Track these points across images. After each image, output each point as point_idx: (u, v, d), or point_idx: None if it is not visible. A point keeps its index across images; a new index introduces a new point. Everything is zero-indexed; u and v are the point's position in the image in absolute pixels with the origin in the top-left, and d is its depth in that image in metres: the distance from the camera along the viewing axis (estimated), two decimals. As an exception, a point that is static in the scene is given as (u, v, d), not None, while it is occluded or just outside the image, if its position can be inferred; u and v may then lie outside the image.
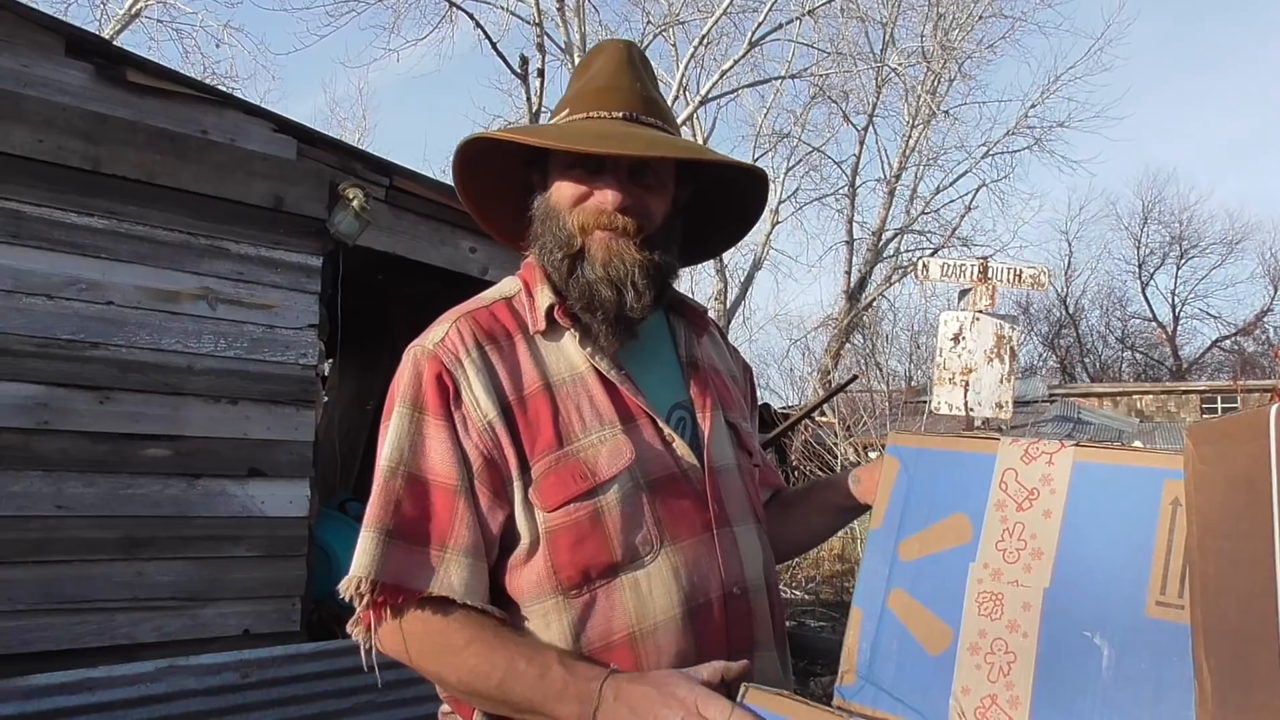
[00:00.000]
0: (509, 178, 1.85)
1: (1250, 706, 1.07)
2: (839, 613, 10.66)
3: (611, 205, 1.65)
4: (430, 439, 1.59)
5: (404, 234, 5.97)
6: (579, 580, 1.58)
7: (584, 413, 1.65)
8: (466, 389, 1.61)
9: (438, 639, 1.54)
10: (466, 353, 1.63)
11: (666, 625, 1.60)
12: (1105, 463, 1.35)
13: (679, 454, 1.70)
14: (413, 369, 1.65)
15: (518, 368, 1.66)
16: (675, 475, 1.68)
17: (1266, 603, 1.06)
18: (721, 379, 1.94)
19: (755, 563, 1.77)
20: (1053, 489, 1.36)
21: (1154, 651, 1.23)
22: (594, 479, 1.60)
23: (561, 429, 1.62)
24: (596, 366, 1.68)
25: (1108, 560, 1.29)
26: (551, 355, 1.69)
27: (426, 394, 1.61)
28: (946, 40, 26.85)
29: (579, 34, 22.10)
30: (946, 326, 8.69)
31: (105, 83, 4.81)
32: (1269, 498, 1.08)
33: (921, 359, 26.42)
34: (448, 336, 1.65)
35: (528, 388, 1.64)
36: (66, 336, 4.65)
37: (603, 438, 1.63)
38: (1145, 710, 1.21)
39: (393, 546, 1.54)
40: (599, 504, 1.59)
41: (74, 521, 4.65)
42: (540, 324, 1.69)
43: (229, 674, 4.73)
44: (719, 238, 2.04)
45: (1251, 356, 41.66)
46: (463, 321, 1.68)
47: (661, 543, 1.63)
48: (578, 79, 1.81)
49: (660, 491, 1.66)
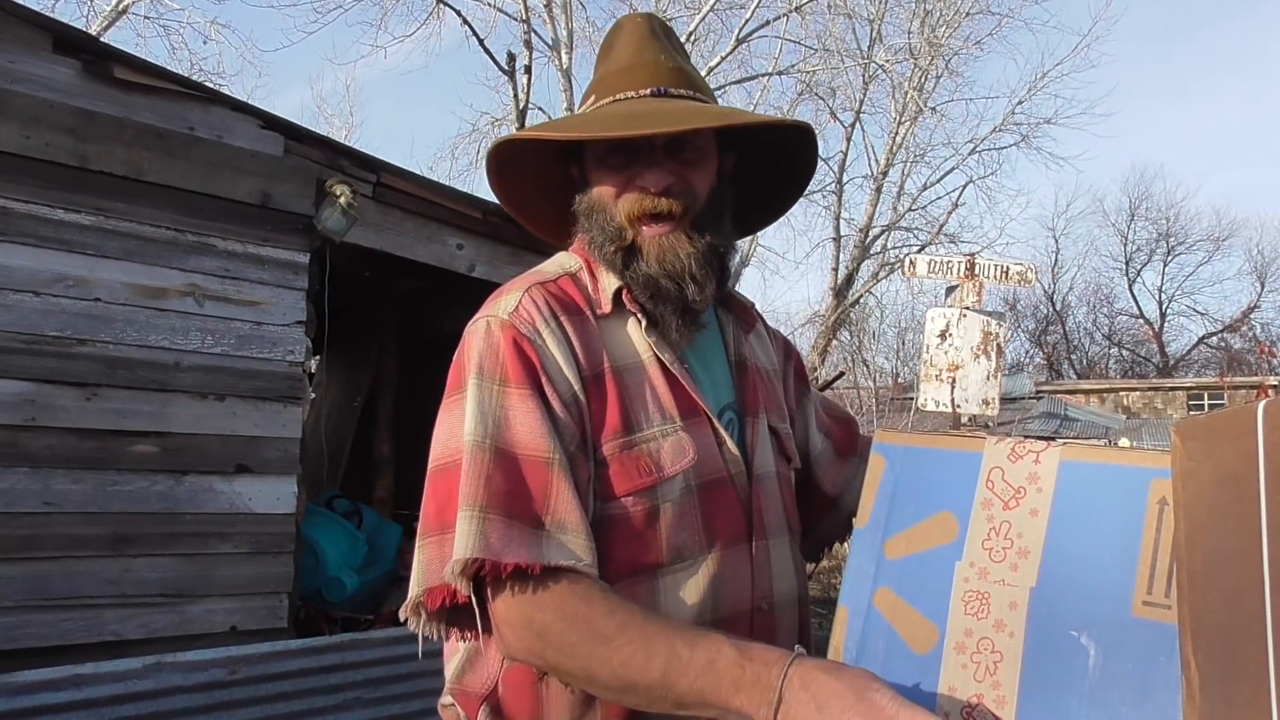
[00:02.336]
0: (546, 176, 1.78)
1: (1238, 702, 1.07)
2: (825, 610, 10.67)
3: (654, 188, 1.59)
4: (514, 410, 1.47)
5: (391, 230, 5.97)
6: (622, 575, 1.51)
7: (649, 403, 1.59)
8: (550, 358, 1.52)
9: (583, 630, 1.35)
10: (545, 322, 1.55)
11: None
12: (1092, 461, 1.35)
13: (729, 458, 1.66)
14: (485, 339, 1.53)
15: (590, 344, 1.58)
16: (724, 480, 1.65)
17: (1254, 599, 1.06)
18: (765, 378, 1.88)
19: (785, 577, 1.73)
20: (1039, 488, 1.36)
21: (1140, 651, 1.23)
22: (658, 474, 1.55)
23: (628, 415, 1.56)
24: (660, 356, 1.63)
25: (1094, 560, 1.30)
26: (617, 338, 1.63)
27: (506, 363, 1.50)
28: (933, 37, 26.88)
29: (566, 30, 22.09)
30: (933, 323, 8.71)
31: (92, 79, 4.80)
32: (1256, 494, 1.08)
33: (908, 355, 26.53)
34: (521, 305, 1.56)
35: (597, 367, 1.57)
36: (53, 333, 4.64)
37: (664, 431, 1.58)
38: (1131, 710, 1.22)
39: (489, 523, 1.39)
40: (658, 501, 1.55)
41: (61, 518, 4.64)
42: (607, 306, 1.63)
43: (216, 670, 4.72)
44: (775, 201, 1.95)
45: (1238, 353, 41.75)
46: (535, 290, 1.59)
47: (704, 549, 1.59)
48: (601, 62, 1.74)
49: (709, 495, 1.62)
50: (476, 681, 1.62)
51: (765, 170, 1.83)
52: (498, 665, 1.60)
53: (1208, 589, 1.15)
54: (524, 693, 1.56)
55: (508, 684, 1.58)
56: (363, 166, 5.80)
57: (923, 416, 13.09)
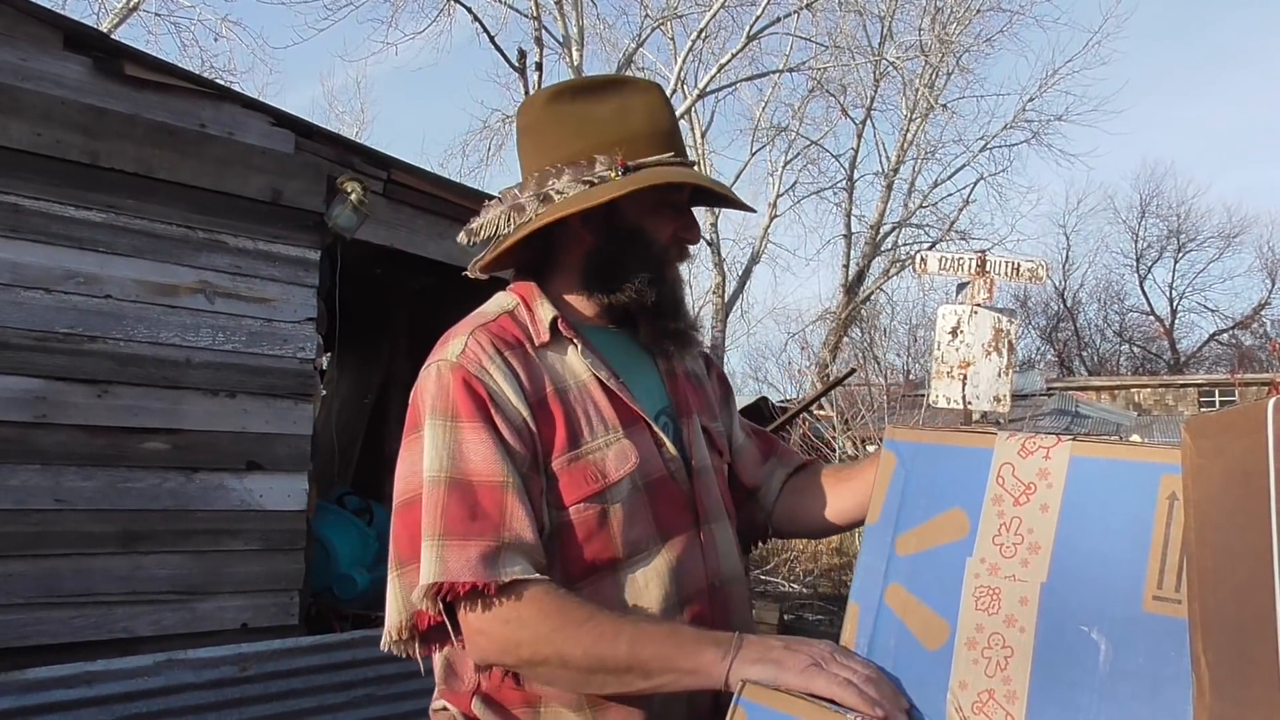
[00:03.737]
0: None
1: (1248, 700, 1.07)
2: (837, 606, 10.67)
3: (696, 242, 1.90)
4: (467, 443, 1.61)
5: (402, 227, 5.97)
6: (584, 573, 1.67)
7: (591, 418, 1.74)
8: (498, 390, 1.66)
9: (556, 618, 1.52)
10: (490, 359, 1.68)
11: (664, 612, 1.70)
12: (1102, 457, 1.35)
13: (668, 457, 1.82)
14: (437, 382, 1.68)
15: (532, 372, 1.72)
16: (666, 478, 1.80)
17: (1264, 596, 1.06)
18: (694, 383, 2.05)
19: (730, 557, 1.90)
20: (1050, 483, 1.36)
21: (1151, 646, 1.23)
22: (604, 480, 1.69)
23: (573, 431, 1.70)
24: (598, 375, 1.78)
25: (1105, 555, 1.29)
26: (556, 364, 1.77)
27: (457, 401, 1.64)
28: (944, 34, 26.84)
29: (577, 27, 22.09)
30: (944, 320, 8.71)
31: (103, 76, 4.81)
32: (1267, 491, 1.08)
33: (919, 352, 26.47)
34: (468, 347, 1.69)
35: (541, 392, 1.71)
36: (64, 330, 4.65)
37: (608, 441, 1.73)
38: (1143, 705, 1.21)
39: (447, 549, 1.54)
40: (607, 504, 1.69)
41: (72, 515, 4.65)
42: (544, 335, 1.77)
43: (227, 667, 4.73)
44: None
45: (1249, 350, 41.67)
46: (479, 333, 1.73)
47: (658, 541, 1.74)
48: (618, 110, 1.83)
49: (656, 493, 1.77)
50: (463, 678, 1.75)
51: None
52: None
53: (1218, 586, 1.15)
54: (514, 679, 1.69)
55: (495, 674, 1.70)
56: (374, 163, 5.80)
57: (934, 413, 13.06)
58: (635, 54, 24.79)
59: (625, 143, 1.80)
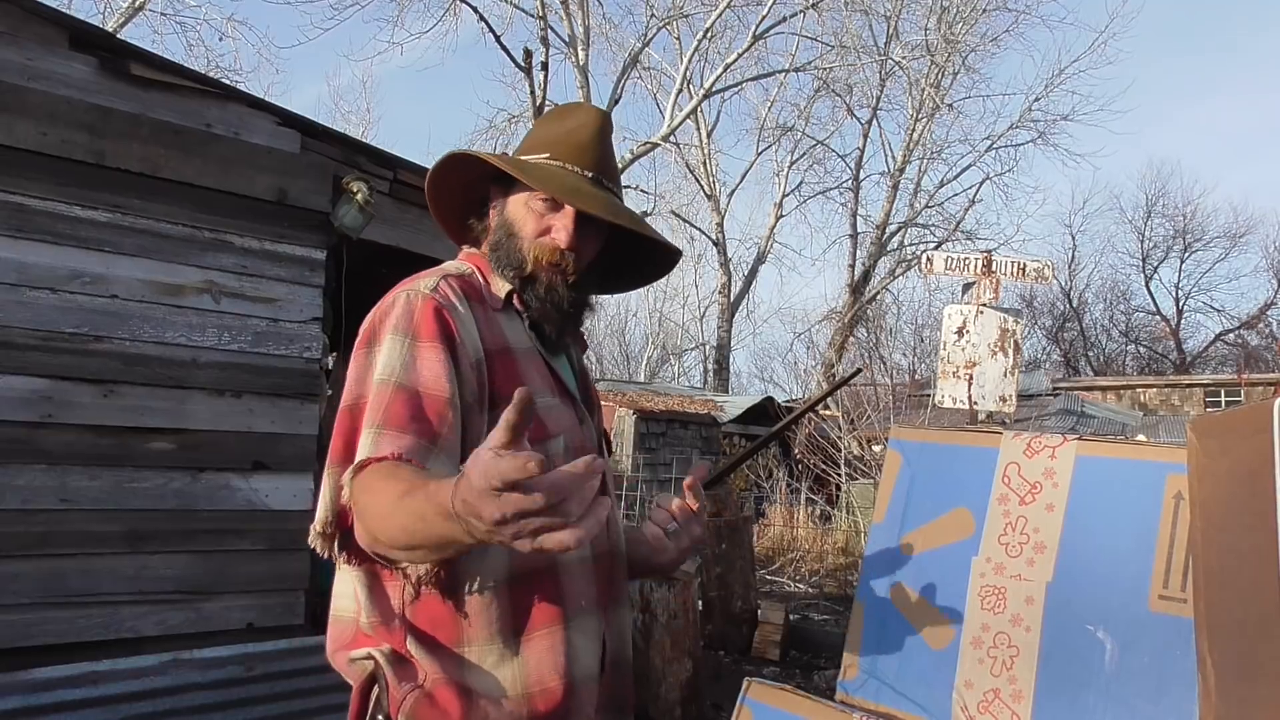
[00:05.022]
0: (471, 185, 2.11)
1: (1254, 699, 1.07)
2: (843, 606, 10.66)
3: (564, 244, 1.95)
4: (423, 359, 1.74)
5: (408, 227, 5.96)
6: None
7: (535, 378, 1.93)
8: (463, 325, 1.82)
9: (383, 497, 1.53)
10: (459, 300, 1.86)
11: (580, 565, 1.89)
12: (1108, 456, 1.35)
13: (587, 434, 2.04)
14: (405, 305, 1.82)
15: (492, 326, 1.92)
16: (587, 449, 1.98)
17: (1270, 595, 1.06)
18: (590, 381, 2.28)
19: (618, 533, 2.08)
20: (1055, 483, 1.36)
21: (1157, 645, 1.23)
22: (546, 431, 1.87)
23: (524, 384, 1.74)
24: (538, 349, 2.00)
25: (1111, 554, 1.29)
26: (508, 327, 1.96)
27: (420, 324, 1.78)
28: (950, 34, 26.85)
29: (582, 27, 22.11)
30: (950, 320, 8.69)
31: (109, 76, 4.81)
32: (1272, 491, 1.08)
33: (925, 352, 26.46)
34: (440, 286, 1.87)
35: (498, 344, 1.89)
36: (70, 330, 4.65)
37: (548, 404, 1.92)
38: (1148, 703, 1.21)
39: (382, 436, 1.64)
40: (548, 453, 1.82)
41: (78, 515, 4.65)
42: (499, 303, 1.98)
43: (233, 667, 4.73)
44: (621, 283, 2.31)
45: (1255, 350, 41.56)
46: (450, 279, 1.92)
47: None
48: (554, 125, 2.08)
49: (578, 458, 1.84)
50: (386, 618, 1.82)
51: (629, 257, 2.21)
52: (400, 596, 1.81)
53: (1223, 586, 1.15)
54: (444, 621, 1.79)
55: (420, 616, 1.80)
56: (379, 163, 5.80)
57: (939, 413, 13.06)
58: (641, 53, 24.82)
59: (554, 144, 2.02)
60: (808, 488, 17.03)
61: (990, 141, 30.05)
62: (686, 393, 24.17)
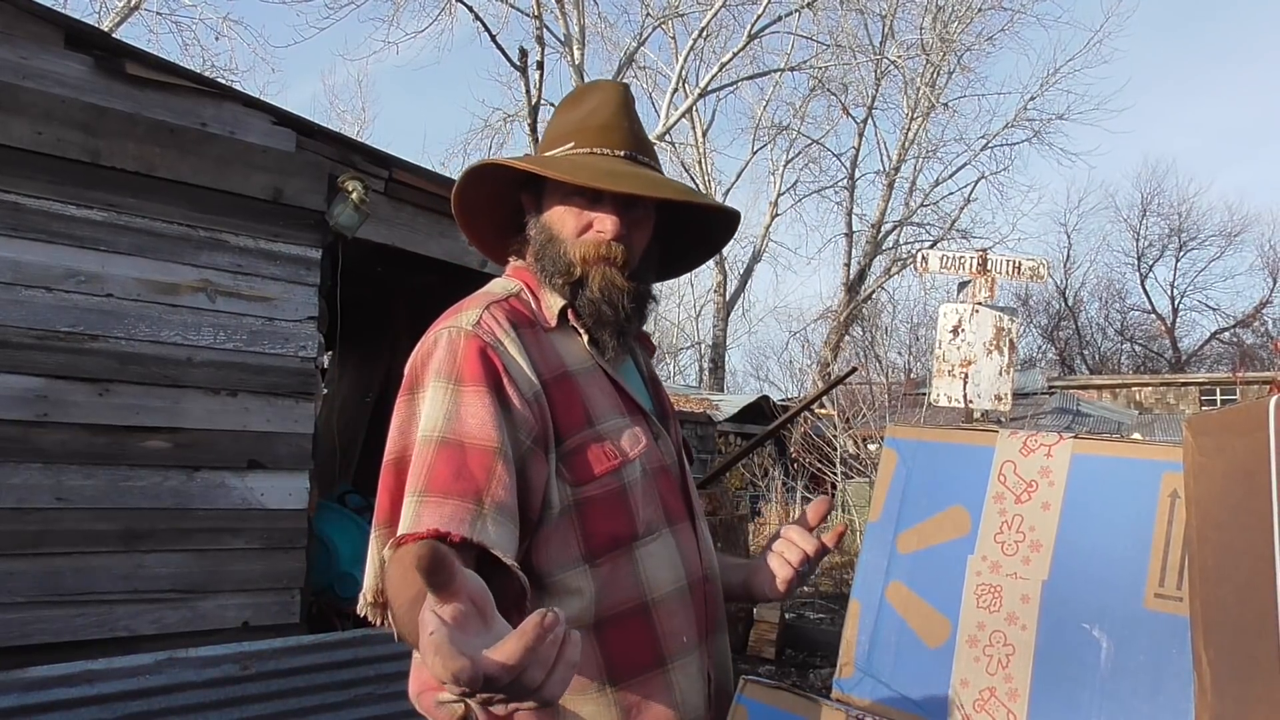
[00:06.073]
0: (500, 197, 1.95)
1: (1249, 698, 1.07)
2: (838, 605, 10.67)
3: (610, 235, 1.79)
4: (468, 406, 1.60)
5: (403, 226, 5.96)
6: (604, 549, 1.68)
7: (602, 400, 1.78)
8: (512, 361, 1.67)
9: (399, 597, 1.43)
10: (505, 332, 1.70)
11: (670, 597, 1.74)
12: (1104, 455, 1.35)
13: (665, 450, 1.88)
14: (448, 347, 1.67)
15: (545, 351, 1.75)
16: (665, 468, 1.85)
17: (1266, 594, 1.06)
18: (663, 390, 2.11)
19: (713, 554, 1.92)
20: (1051, 481, 1.36)
21: (1153, 643, 1.23)
22: (623, 457, 1.73)
23: (589, 410, 1.74)
24: (601, 365, 1.83)
25: (1106, 552, 1.29)
26: (565, 348, 1.80)
27: (464, 366, 1.63)
28: (945, 33, 26.87)
29: (578, 26, 22.11)
30: (946, 319, 8.72)
31: (104, 75, 4.80)
32: (1268, 489, 1.08)
33: (921, 351, 26.45)
34: (483, 318, 1.70)
35: (556, 371, 1.74)
36: (65, 328, 4.65)
37: (619, 425, 1.77)
38: (1144, 702, 1.21)
39: (424, 505, 1.50)
40: (625, 481, 1.72)
41: (73, 514, 4.65)
42: (552, 321, 1.81)
43: (228, 666, 4.72)
44: (684, 262, 2.17)
45: (1250, 348, 41.57)
46: (494, 307, 1.75)
47: (665, 524, 1.78)
48: (572, 112, 1.92)
49: (659, 479, 1.81)
50: None
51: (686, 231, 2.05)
52: None
53: (1219, 585, 1.15)
54: None
55: None
56: (375, 162, 5.80)
57: (935, 411, 13.07)
58: (636, 53, 24.84)
59: (575, 132, 1.87)
60: (803, 486, 17.05)
61: (985, 140, 30.08)
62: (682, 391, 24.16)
